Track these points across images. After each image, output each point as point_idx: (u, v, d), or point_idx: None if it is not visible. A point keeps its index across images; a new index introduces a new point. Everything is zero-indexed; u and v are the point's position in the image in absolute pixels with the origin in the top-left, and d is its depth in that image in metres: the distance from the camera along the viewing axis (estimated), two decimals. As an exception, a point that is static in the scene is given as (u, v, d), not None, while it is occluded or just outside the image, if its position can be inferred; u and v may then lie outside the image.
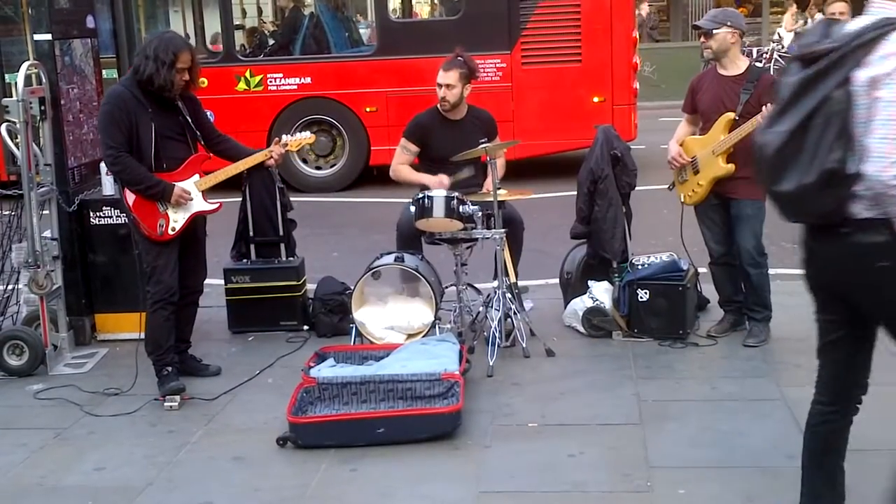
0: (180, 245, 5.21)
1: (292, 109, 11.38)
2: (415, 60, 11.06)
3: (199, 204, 5.19)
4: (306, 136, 5.73)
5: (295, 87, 11.38)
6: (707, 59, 5.69)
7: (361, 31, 12.70)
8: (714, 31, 5.38)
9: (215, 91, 10.54)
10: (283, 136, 5.63)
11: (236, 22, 13.49)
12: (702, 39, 5.52)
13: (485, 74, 11.03)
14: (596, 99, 11.09)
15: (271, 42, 13.02)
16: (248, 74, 11.38)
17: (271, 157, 5.44)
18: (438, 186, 5.69)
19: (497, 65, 11.05)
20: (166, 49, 4.94)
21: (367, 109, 11.34)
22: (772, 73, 6.19)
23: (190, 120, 5.21)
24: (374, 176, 11.41)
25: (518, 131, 10.16)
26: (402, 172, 6.11)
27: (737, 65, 5.45)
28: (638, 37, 12.00)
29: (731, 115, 5.36)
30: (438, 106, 6.03)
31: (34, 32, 5.88)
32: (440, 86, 5.99)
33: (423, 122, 6.10)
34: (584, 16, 11.05)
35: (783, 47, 19.51)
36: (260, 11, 15.78)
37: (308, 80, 11.39)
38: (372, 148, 11.33)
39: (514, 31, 11.04)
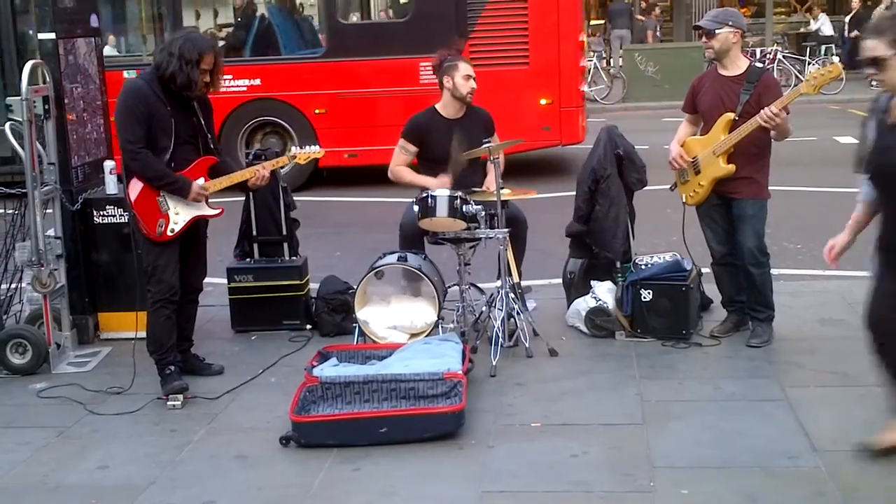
0: (181, 244, 5.20)
1: (242, 111, 11.38)
2: (363, 62, 11.14)
3: (201, 208, 5.19)
4: (315, 150, 5.62)
5: (244, 88, 11.36)
6: (709, 59, 5.67)
7: (313, 32, 12.68)
8: (716, 31, 5.37)
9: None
10: (293, 149, 5.57)
11: (193, 24, 13.48)
12: (703, 40, 5.51)
13: (434, 77, 11.19)
14: (543, 101, 11.17)
15: (221, 43, 12.96)
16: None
17: (258, 175, 5.32)
18: (440, 187, 5.68)
19: None
20: (192, 48, 4.93)
21: (317, 111, 11.35)
22: (774, 73, 6.17)
23: (203, 123, 5.20)
24: (323, 178, 11.44)
25: None
26: (401, 174, 6.09)
27: (737, 65, 5.45)
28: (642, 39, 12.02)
29: (731, 115, 5.35)
30: (467, 97, 5.97)
31: (38, 31, 5.88)
32: (468, 77, 5.95)
33: (421, 122, 6.09)
34: (532, 19, 11.09)
35: (786, 48, 19.52)
36: (216, 14, 15.75)
37: (258, 81, 11.38)
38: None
39: (463, 34, 11.05)
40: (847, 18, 20.74)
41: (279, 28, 12.00)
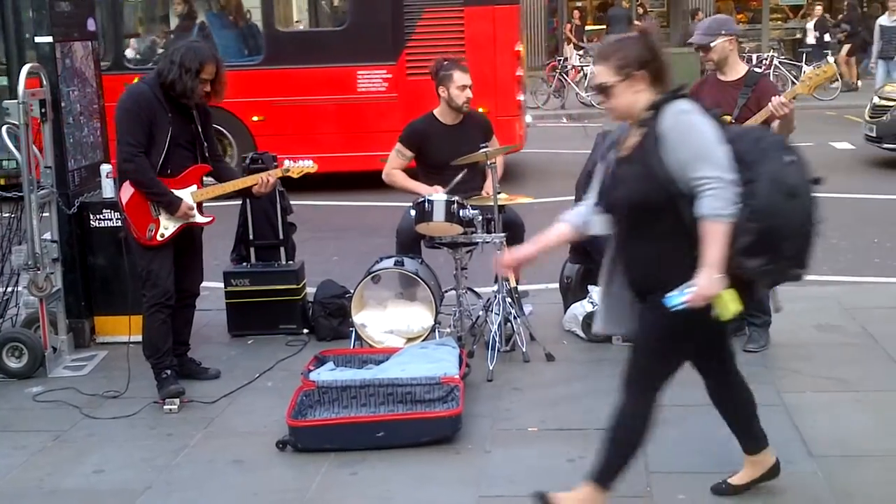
0: (177, 248, 5.21)
1: None
2: (301, 70, 11.15)
3: (192, 215, 5.18)
4: (308, 165, 5.59)
5: None
6: (710, 69, 5.67)
7: (255, 39, 12.66)
8: (712, 45, 5.38)
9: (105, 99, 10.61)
10: (286, 162, 5.60)
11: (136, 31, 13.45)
12: (701, 54, 5.53)
13: (371, 85, 11.26)
14: (480, 110, 11.16)
15: (160, 50, 12.94)
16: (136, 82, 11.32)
17: (259, 182, 5.32)
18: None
19: (383, 76, 11.17)
20: (193, 57, 4.97)
21: (255, 118, 11.33)
22: (771, 78, 6.19)
23: (201, 131, 5.21)
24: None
25: None
26: (395, 177, 6.09)
27: (736, 70, 5.46)
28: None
29: (728, 118, 5.36)
30: (463, 107, 5.97)
31: (35, 34, 5.88)
32: (464, 87, 5.95)
33: (419, 129, 6.09)
34: (468, 28, 11.12)
35: (781, 54, 19.56)
36: (162, 20, 15.73)
37: None
38: None
39: (399, 43, 11.11)
40: (810, 25, 20.85)
41: (218, 35, 11.96)
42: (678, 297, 3.25)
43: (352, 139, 11.20)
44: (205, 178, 5.30)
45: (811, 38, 20.14)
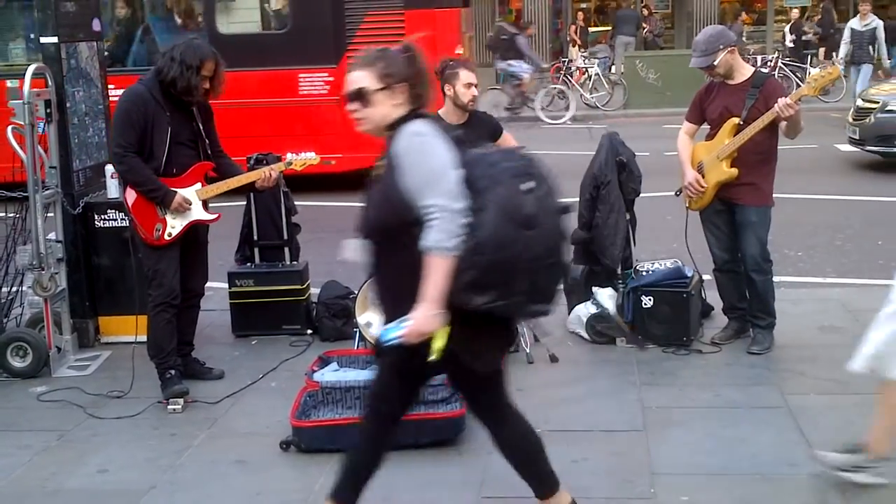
0: (182, 248, 5.21)
1: None
2: (243, 73, 11.07)
3: (198, 213, 5.19)
4: (311, 157, 5.61)
5: None
6: (718, 82, 5.60)
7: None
8: (715, 63, 5.37)
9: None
10: (289, 155, 5.60)
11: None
12: (706, 74, 5.52)
13: (313, 88, 11.32)
14: None
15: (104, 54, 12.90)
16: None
17: (262, 176, 5.34)
18: None
19: (325, 79, 11.22)
20: (193, 54, 4.98)
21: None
22: (776, 78, 6.18)
23: (202, 128, 5.22)
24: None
25: (345, 145, 10.12)
26: None
27: (742, 73, 5.46)
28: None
29: (736, 119, 5.37)
30: (469, 105, 5.94)
31: (41, 35, 5.89)
32: (469, 85, 5.93)
33: None
34: (409, 31, 11.09)
35: (786, 55, 19.54)
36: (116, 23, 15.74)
37: None
38: None
39: (341, 46, 11.11)
40: (787, 28, 20.85)
41: (161, 39, 11.94)
42: (391, 332, 3.08)
43: (294, 142, 11.19)
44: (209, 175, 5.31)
45: (788, 42, 20.22)
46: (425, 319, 3.02)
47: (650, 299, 5.68)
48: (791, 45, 20.03)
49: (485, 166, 3.10)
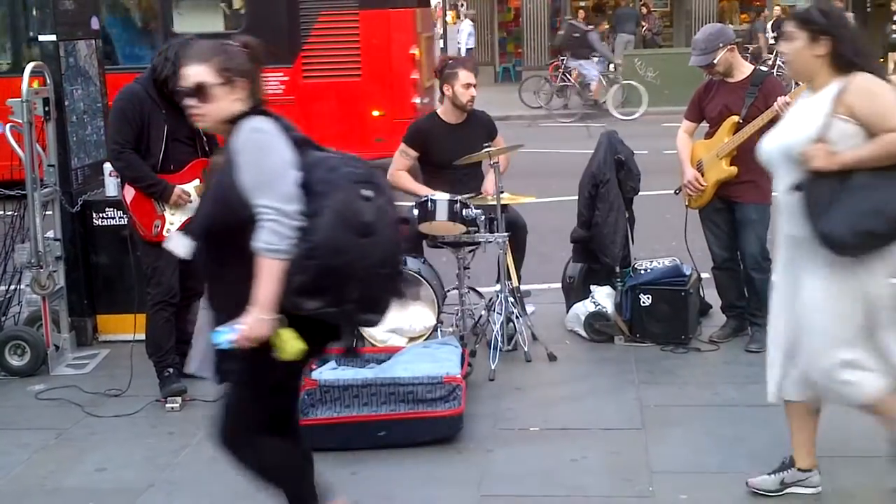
0: (182, 246, 5.21)
1: None
2: None
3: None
4: None
5: None
6: (717, 80, 5.61)
7: (150, 43, 12.54)
8: (715, 61, 5.37)
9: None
10: None
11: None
12: (706, 71, 5.52)
13: (267, 88, 11.19)
14: (376, 113, 11.32)
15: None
16: (37, 85, 11.28)
17: None
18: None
19: (280, 78, 11.15)
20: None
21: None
22: (776, 76, 6.17)
23: None
24: None
25: None
26: (399, 179, 6.06)
27: (741, 71, 5.47)
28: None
29: (736, 118, 5.37)
30: (468, 105, 5.94)
31: (39, 33, 5.88)
32: (468, 85, 5.93)
33: (423, 128, 6.08)
34: (363, 32, 11.22)
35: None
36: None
37: None
38: None
39: (295, 46, 11.12)
40: (769, 25, 20.82)
41: (116, 37, 11.93)
42: (223, 335, 3.01)
43: None
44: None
45: (770, 39, 20.19)
46: (256, 323, 2.96)
47: (649, 298, 5.68)
48: (772, 41, 19.99)
49: (325, 170, 3.05)
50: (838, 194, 3.38)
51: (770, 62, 18.46)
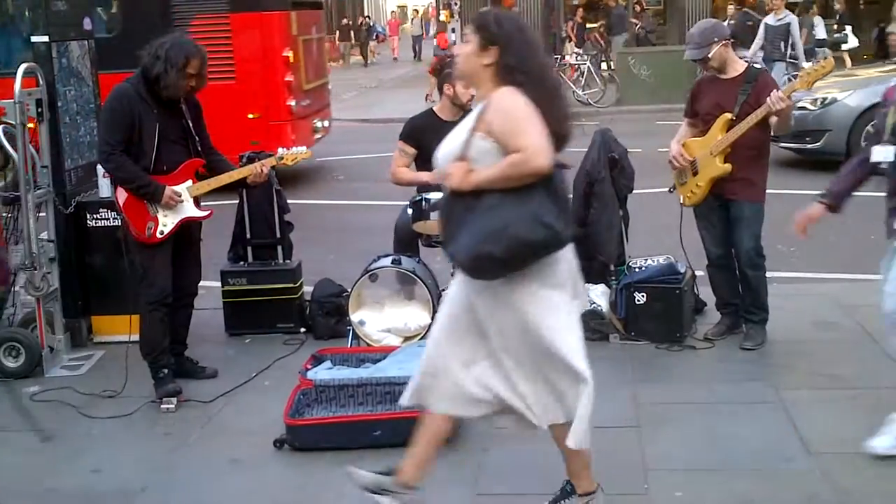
0: (174, 247, 5.20)
1: None
2: None
3: (189, 209, 5.18)
4: (302, 151, 5.59)
5: None
6: (710, 76, 5.63)
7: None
8: (709, 56, 5.38)
9: None
10: (280, 150, 5.59)
11: None
12: (700, 66, 5.53)
13: None
14: (251, 115, 11.41)
15: None
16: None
17: (253, 172, 5.32)
18: (439, 179, 5.62)
19: None
20: (178, 52, 4.97)
21: (31, 125, 11.24)
22: (769, 74, 6.17)
23: (191, 125, 5.21)
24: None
25: None
26: (400, 174, 6.06)
27: (735, 68, 5.47)
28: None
29: (729, 115, 5.37)
30: (468, 105, 5.92)
31: (32, 34, 5.87)
32: (469, 85, 5.91)
33: (418, 124, 6.08)
34: (235, 35, 11.30)
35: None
36: None
37: None
38: None
39: None
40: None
41: None
42: None
43: None
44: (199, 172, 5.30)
45: (821, 34, 20.06)
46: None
47: (643, 296, 5.68)
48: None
49: None
50: (468, 215, 3.30)
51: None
